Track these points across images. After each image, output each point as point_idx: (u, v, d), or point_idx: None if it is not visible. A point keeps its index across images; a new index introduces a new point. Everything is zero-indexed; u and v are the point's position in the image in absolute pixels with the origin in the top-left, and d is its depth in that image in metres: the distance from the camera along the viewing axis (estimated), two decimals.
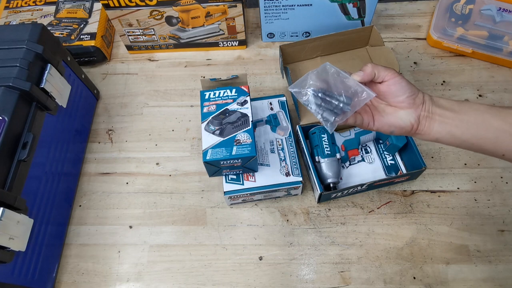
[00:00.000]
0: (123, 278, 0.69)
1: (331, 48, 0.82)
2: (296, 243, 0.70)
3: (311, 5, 0.83)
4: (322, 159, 0.71)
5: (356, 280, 0.66)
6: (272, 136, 0.74)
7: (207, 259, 0.70)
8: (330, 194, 0.69)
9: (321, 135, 0.73)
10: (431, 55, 0.89)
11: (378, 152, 0.76)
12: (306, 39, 0.79)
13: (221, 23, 0.86)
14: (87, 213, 0.75)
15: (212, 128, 0.66)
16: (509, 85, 0.84)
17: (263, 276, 0.68)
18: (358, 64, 0.81)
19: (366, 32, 0.80)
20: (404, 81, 0.49)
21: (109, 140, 0.83)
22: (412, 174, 0.70)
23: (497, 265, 0.66)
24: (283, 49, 0.78)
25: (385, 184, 0.72)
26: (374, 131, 0.74)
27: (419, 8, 0.96)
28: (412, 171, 0.69)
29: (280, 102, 0.78)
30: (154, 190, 0.77)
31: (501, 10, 0.86)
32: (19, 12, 0.92)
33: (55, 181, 0.69)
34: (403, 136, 0.71)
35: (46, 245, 0.66)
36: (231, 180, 0.69)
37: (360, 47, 0.83)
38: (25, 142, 0.59)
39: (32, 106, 0.62)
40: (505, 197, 0.72)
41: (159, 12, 0.82)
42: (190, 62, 0.92)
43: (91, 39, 0.87)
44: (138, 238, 0.72)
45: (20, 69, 0.60)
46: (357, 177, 0.74)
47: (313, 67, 0.81)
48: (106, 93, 0.89)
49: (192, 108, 0.86)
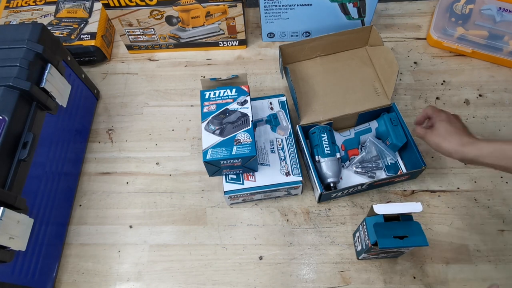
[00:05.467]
0: (123, 278, 0.69)
1: (331, 48, 0.82)
2: (296, 242, 0.70)
3: (311, 5, 0.83)
4: (322, 159, 0.71)
5: (356, 280, 0.66)
6: (272, 136, 0.74)
7: (207, 258, 0.70)
8: (330, 194, 0.69)
9: (321, 134, 0.73)
10: (431, 55, 0.89)
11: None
12: (306, 39, 0.79)
13: (221, 22, 0.86)
14: (87, 213, 0.75)
15: (212, 127, 0.66)
16: (509, 85, 0.84)
17: (263, 276, 0.68)
18: (357, 64, 0.81)
19: (365, 32, 0.80)
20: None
21: (109, 140, 0.83)
22: (412, 174, 0.70)
23: (497, 265, 0.66)
24: (282, 49, 0.78)
25: (385, 183, 0.72)
26: (373, 131, 0.75)
27: (419, 8, 0.96)
28: (412, 170, 0.69)
29: (280, 101, 0.78)
30: (154, 189, 0.77)
31: (501, 10, 0.86)
32: (19, 12, 0.92)
33: (55, 181, 0.69)
34: (403, 136, 0.71)
35: (46, 245, 0.66)
36: (231, 180, 0.69)
37: (359, 47, 0.83)
38: (25, 142, 0.59)
39: (32, 105, 0.62)
40: (505, 197, 0.72)
41: (159, 11, 0.82)
42: (190, 62, 0.92)
43: (91, 39, 0.87)
44: (138, 238, 0.72)
45: (20, 68, 0.60)
46: (358, 177, 0.74)
47: (313, 67, 0.82)
48: (106, 93, 0.89)
49: (192, 107, 0.86)
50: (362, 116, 0.76)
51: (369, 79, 0.79)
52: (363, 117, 0.76)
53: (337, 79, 0.80)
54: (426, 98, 0.83)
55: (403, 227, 0.58)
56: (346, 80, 0.79)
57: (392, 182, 0.72)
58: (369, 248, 0.58)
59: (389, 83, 0.75)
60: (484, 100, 0.83)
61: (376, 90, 0.77)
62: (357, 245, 0.66)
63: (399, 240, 0.56)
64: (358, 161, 0.74)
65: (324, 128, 0.73)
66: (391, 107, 0.75)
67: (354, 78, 0.79)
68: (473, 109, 0.82)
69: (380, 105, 0.75)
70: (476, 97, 0.83)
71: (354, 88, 0.78)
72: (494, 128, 0.79)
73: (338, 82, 0.79)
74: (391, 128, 0.72)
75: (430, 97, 0.83)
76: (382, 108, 0.75)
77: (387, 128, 0.73)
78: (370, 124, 0.76)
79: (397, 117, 0.73)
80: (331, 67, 0.81)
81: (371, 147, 0.73)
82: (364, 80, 0.79)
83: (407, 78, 0.86)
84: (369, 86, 0.78)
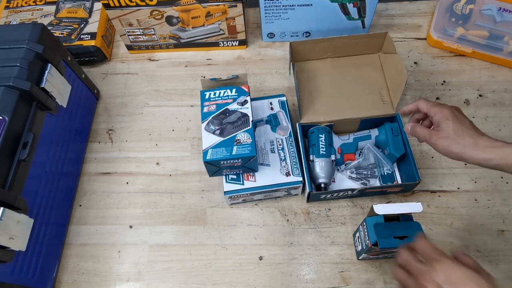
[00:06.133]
0: (123, 278, 0.69)
1: (343, 50, 0.80)
2: (296, 243, 0.70)
3: (311, 5, 0.83)
4: (317, 159, 0.71)
5: (356, 280, 0.66)
6: (272, 136, 0.74)
7: (207, 259, 0.70)
8: (319, 195, 0.69)
9: (319, 135, 0.73)
10: (431, 55, 0.89)
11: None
12: (318, 39, 0.77)
13: (221, 23, 0.86)
14: (87, 213, 0.75)
15: (212, 128, 0.66)
16: (510, 85, 0.84)
17: (263, 276, 0.68)
18: (368, 70, 0.79)
19: (379, 38, 0.78)
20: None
21: (109, 140, 0.83)
22: (405, 186, 0.69)
23: (497, 265, 0.66)
24: (292, 46, 0.77)
25: (377, 192, 0.72)
26: (373, 139, 0.74)
27: (419, 8, 0.96)
28: (406, 182, 0.69)
29: (280, 102, 0.78)
30: (154, 190, 0.77)
31: (502, 10, 0.86)
32: (19, 12, 0.92)
33: (55, 181, 0.69)
34: (401, 147, 0.71)
35: (46, 245, 0.66)
36: (231, 180, 0.69)
37: (373, 53, 0.82)
38: (26, 142, 0.59)
39: (33, 106, 0.62)
40: (505, 197, 0.72)
41: (160, 12, 0.82)
42: (190, 62, 0.92)
43: (91, 39, 0.87)
44: (138, 238, 0.72)
45: (20, 69, 0.60)
46: (350, 182, 0.73)
47: (322, 68, 0.80)
48: (106, 93, 0.89)
49: (192, 108, 0.86)
50: (364, 122, 0.75)
51: (377, 86, 0.78)
52: (365, 123, 0.76)
53: (344, 82, 0.79)
54: (426, 98, 0.83)
55: (403, 228, 0.58)
56: (354, 85, 0.78)
57: (384, 192, 0.72)
58: (369, 248, 0.58)
59: (396, 93, 0.73)
60: (484, 100, 0.83)
61: (382, 98, 0.76)
62: (357, 245, 0.65)
63: (399, 240, 0.56)
64: (353, 166, 0.73)
65: (324, 129, 0.73)
66: (394, 116, 0.74)
67: (362, 83, 0.78)
68: (473, 109, 0.82)
69: (384, 114, 0.74)
70: (476, 97, 0.83)
71: (360, 93, 0.77)
72: (494, 128, 0.79)
73: (345, 86, 0.78)
74: (391, 138, 0.71)
75: (430, 97, 0.83)
76: (385, 117, 0.74)
77: (387, 138, 0.72)
78: (370, 132, 0.75)
79: (398, 127, 0.73)
80: (341, 70, 0.80)
81: (369, 154, 0.73)
82: (371, 86, 0.78)
83: (407, 78, 0.86)
84: (376, 93, 0.77)
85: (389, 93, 0.76)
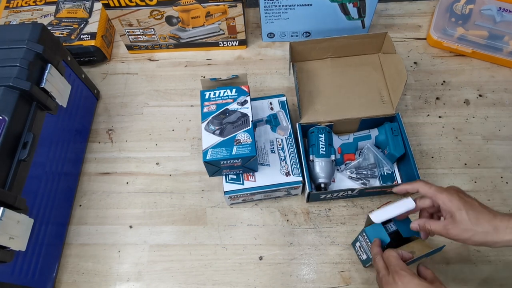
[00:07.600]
0: (123, 278, 0.69)
1: (343, 50, 0.80)
2: (296, 243, 0.70)
3: (311, 5, 0.83)
4: (317, 159, 0.71)
5: (356, 280, 0.66)
6: (272, 136, 0.74)
7: (207, 259, 0.70)
8: (319, 195, 0.69)
9: (319, 135, 0.73)
10: (431, 55, 0.89)
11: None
12: (318, 39, 0.77)
13: (221, 23, 0.86)
14: (87, 213, 0.75)
15: (212, 128, 0.66)
16: (509, 85, 0.84)
17: (263, 276, 0.68)
18: (368, 70, 0.79)
19: (379, 38, 0.78)
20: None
21: (109, 140, 0.83)
22: None
23: (497, 265, 0.66)
24: (292, 46, 0.77)
25: (376, 192, 0.72)
26: (373, 139, 0.74)
27: (419, 8, 0.96)
28: (406, 182, 0.69)
29: (280, 102, 0.78)
30: (154, 190, 0.77)
31: (501, 10, 0.86)
32: (19, 12, 0.92)
33: (55, 181, 0.69)
34: (401, 147, 0.71)
35: (46, 245, 0.66)
36: (231, 180, 0.70)
37: (372, 53, 0.82)
38: (25, 142, 0.59)
39: (32, 106, 0.62)
40: (505, 197, 0.72)
41: (159, 12, 0.82)
42: (190, 62, 0.92)
43: (91, 39, 0.87)
44: (138, 238, 0.72)
45: (20, 69, 0.60)
46: (350, 182, 0.73)
47: (322, 68, 0.80)
48: (106, 93, 0.89)
49: (192, 108, 0.86)
50: (364, 122, 0.75)
51: (377, 86, 0.78)
52: (365, 123, 0.75)
53: (344, 82, 0.79)
54: (426, 98, 0.83)
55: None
56: (354, 85, 0.78)
57: (384, 192, 0.72)
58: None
59: (396, 93, 0.73)
60: (484, 100, 0.83)
61: (382, 98, 0.76)
62: (361, 255, 0.65)
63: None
64: (353, 166, 0.73)
65: (324, 129, 0.73)
66: (394, 117, 0.74)
67: (362, 83, 0.78)
68: (473, 109, 0.82)
69: (384, 114, 0.74)
70: (476, 97, 0.83)
71: (360, 93, 0.77)
72: (494, 128, 0.79)
73: (345, 86, 0.78)
74: (391, 138, 0.71)
75: (430, 97, 0.83)
76: (385, 117, 0.74)
77: (387, 138, 0.72)
78: (370, 132, 0.75)
79: (398, 127, 0.73)
80: (340, 70, 0.80)
81: (369, 154, 0.73)
82: (371, 86, 0.78)
83: (407, 78, 0.86)
84: (375, 93, 0.77)
85: (389, 93, 0.76)
